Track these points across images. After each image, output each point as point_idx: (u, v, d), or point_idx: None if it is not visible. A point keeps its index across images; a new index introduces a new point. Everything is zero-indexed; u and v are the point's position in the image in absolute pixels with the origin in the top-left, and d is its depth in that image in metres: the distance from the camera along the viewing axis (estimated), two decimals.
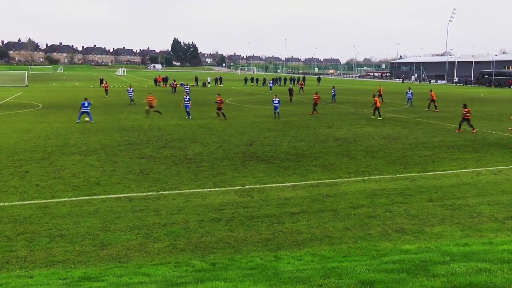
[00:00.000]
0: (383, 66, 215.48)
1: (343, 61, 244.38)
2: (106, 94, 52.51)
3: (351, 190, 14.44)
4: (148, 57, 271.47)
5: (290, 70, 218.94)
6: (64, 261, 9.07)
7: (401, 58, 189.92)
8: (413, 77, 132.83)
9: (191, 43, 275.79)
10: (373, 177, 16.12)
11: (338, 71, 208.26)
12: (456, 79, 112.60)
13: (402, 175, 16.42)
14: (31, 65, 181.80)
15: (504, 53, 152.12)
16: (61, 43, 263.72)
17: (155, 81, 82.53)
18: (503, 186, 14.98)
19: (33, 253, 9.43)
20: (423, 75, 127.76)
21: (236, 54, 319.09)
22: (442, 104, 48.50)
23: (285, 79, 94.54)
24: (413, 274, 6.62)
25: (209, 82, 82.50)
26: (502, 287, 5.89)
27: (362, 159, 19.12)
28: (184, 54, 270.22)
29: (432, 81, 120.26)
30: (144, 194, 13.77)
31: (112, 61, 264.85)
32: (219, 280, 6.84)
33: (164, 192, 13.99)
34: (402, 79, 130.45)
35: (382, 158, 19.46)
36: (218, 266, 8.60)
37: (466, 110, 26.90)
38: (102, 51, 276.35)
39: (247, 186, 14.71)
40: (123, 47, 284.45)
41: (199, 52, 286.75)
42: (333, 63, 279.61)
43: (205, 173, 16.47)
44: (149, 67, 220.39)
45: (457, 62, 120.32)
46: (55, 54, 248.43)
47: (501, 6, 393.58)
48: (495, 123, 31.79)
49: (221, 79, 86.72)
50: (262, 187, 14.63)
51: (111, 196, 13.52)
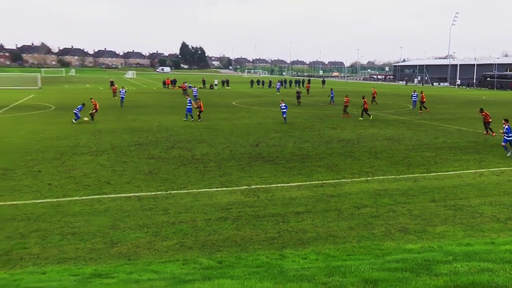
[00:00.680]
0: (387, 68, 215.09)
1: (347, 64, 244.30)
2: (114, 95, 52.90)
3: (355, 190, 14.61)
4: (157, 60, 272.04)
5: (295, 73, 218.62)
6: (75, 258, 9.30)
7: (404, 61, 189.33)
8: (416, 79, 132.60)
9: (199, 47, 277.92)
10: (376, 177, 16.27)
11: (342, 74, 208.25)
12: (458, 82, 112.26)
13: (405, 176, 16.55)
14: (44, 67, 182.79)
15: (506, 55, 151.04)
16: (72, 47, 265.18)
17: (164, 83, 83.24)
18: (505, 187, 15.09)
19: (45, 250, 9.68)
20: (426, 78, 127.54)
21: (242, 57, 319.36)
22: (445, 106, 48.58)
23: (290, 82, 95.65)
24: (416, 273, 6.71)
25: (216, 85, 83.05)
26: (504, 287, 6.00)
27: (366, 160, 19.28)
28: (192, 57, 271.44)
29: (434, 83, 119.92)
30: (153, 193, 14.03)
31: (122, 64, 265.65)
32: (226, 277, 6.97)
33: (172, 191, 14.23)
34: (405, 82, 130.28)
35: (386, 159, 19.62)
36: (225, 263, 8.75)
37: (484, 113, 26.97)
38: (113, 54, 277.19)
39: (253, 186, 14.93)
40: (133, 50, 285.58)
41: (207, 55, 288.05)
42: (337, 66, 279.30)
43: (212, 173, 16.71)
44: (158, 70, 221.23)
45: (459, 65, 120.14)
46: (67, 57, 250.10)
47: (500, 6, 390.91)
48: (498, 125, 31.63)
49: (228, 82, 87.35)
50: (267, 187, 14.84)
51: (121, 195, 13.80)
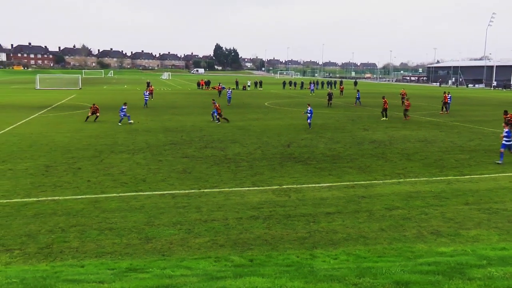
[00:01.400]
0: (420, 70, 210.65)
1: (380, 65, 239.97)
2: (152, 96, 53.79)
3: (387, 192, 14.52)
4: (191, 61, 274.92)
5: (328, 74, 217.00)
6: (112, 252, 9.64)
7: (438, 62, 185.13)
8: (450, 81, 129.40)
9: (232, 48, 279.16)
10: (408, 179, 16.11)
11: (375, 75, 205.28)
12: (494, 83, 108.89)
13: (438, 178, 16.31)
14: (85, 69, 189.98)
15: None
16: (111, 49, 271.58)
17: (198, 84, 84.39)
18: None
19: (84, 244, 10.07)
20: (461, 79, 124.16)
21: (275, 58, 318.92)
22: (480, 108, 47.40)
23: (322, 83, 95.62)
24: (448, 277, 6.63)
25: (249, 86, 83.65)
26: None
27: (398, 162, 19.09)
28: (225, 58, 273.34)
29: (469, 85, 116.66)
30: (186, 191, 14.34)
31: (158, 65, 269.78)
32: (257, 275, 7.03)
33: (205, 190, 14.51)
34: (439, 83, 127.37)
35: (418, 161, 19.37)
36: (256, 262, 8.89)
37: (510, 115, 26.30)
38: (149, 56, 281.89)
39: (284, 186, 15.04)
40: (169, 52, 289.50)
41: (240, 56, 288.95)
42: (369, 67, 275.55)
43: (244, 172, 16.92)
44: (192, 71, 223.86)
45: (495, 66, 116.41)
46: (106, 59, 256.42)
47: None
48: None
49: (261, 83, 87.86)
50: (298, 187, 14.93)
51: (156, 192, 14.17)
